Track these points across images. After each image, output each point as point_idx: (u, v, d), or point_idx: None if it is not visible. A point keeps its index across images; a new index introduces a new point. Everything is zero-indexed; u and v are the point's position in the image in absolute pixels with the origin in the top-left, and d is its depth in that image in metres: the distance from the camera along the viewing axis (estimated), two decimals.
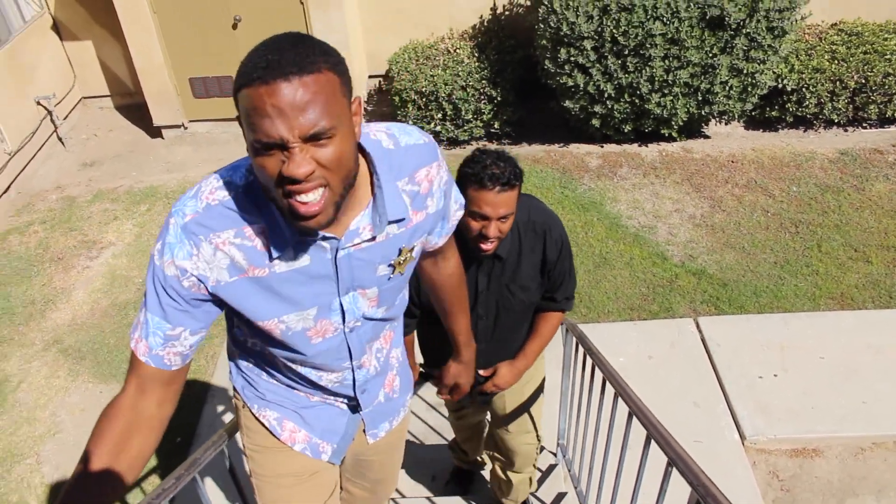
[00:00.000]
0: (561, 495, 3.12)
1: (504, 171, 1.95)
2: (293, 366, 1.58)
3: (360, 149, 1.33)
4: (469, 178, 1.98)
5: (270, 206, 1.27)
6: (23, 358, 4.52)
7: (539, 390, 2.68)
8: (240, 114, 1.16)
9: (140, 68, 6.50)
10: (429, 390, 3.84)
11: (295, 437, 1.73)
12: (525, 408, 2.65)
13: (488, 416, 2.89)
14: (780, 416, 3.72)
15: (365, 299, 1.49)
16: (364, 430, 1.83)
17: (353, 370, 1.63)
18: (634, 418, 2.03)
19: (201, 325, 1.40)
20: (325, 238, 1.33)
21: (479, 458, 3.31)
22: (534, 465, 2.89)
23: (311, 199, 1.16)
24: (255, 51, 1.16)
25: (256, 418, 1.73)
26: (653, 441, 1.81)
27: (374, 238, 1.38)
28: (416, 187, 1.42)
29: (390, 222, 1.38)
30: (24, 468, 3.89)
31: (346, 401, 1.73)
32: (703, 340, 4.17)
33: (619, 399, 2.24)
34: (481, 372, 2.46)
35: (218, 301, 1.38)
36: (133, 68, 6.68)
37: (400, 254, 1.45)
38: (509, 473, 2.85)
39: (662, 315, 4.37)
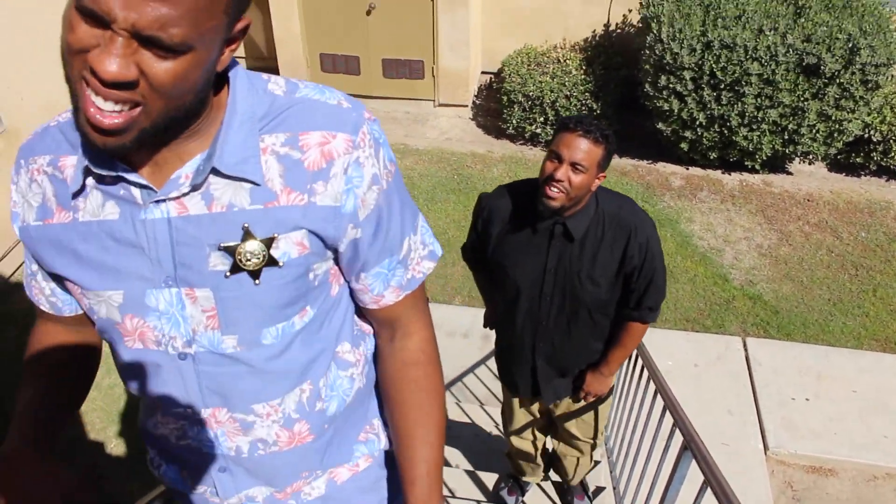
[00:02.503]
0: (599, 489, 3.54)
1: (591, 124, 2.01)
2: (129, 382, 1.16)
3: (225, 81, 0.99)
4: (560, 124, 2.07)
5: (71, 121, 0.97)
6: None
7: (606, 397, 2.69)
8: None
9: (278, 37, 7.26)
10: None
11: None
12: (587, 410, 2.72)
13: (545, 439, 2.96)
14: (805, 434, 4.16)
15: (195, 307, 1.03)
16: None
17: (187, 421, 1.13)
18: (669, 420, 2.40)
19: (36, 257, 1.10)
20: (130, 182, 0.97)
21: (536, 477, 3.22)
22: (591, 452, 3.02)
23: (111, 110, 0.83)
24: None
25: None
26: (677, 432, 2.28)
27: (195, 189, 0.97)
28: (297, 153, 0.98)
29: (220, 174, 0.97)
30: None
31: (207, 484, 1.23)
32: (746, 358, 4.62)
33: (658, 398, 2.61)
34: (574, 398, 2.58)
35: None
36: (271, 35, 7.45)
37: (245, 237, 0.99)
38: (564, 450, 3.00)
39: (714, 330, 4.84)
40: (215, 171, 0.96)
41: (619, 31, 7.00)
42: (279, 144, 0.98)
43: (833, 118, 5.69)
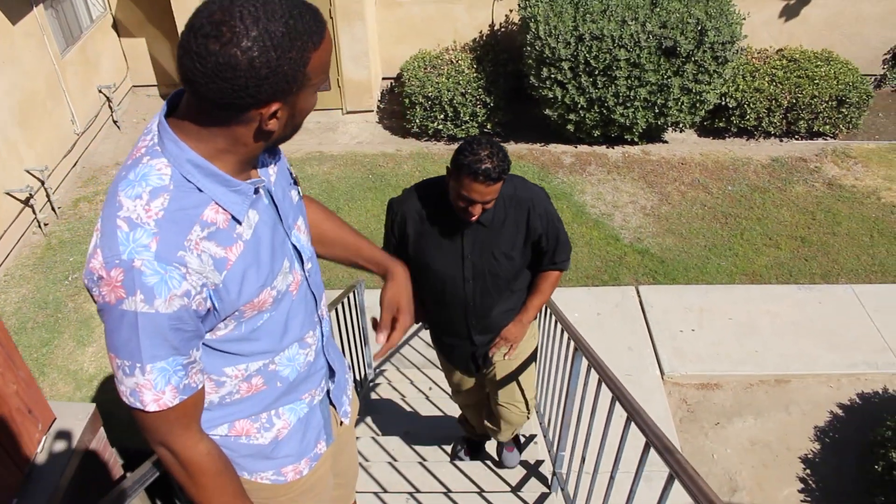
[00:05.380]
0: (531, 437, 4.00)
1: (496, 167, 2.15)
2: (278, 362, 1.45)
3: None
4: (464, 167, 2.17)
5: (211, 178, 1.18)
6: None
7: (529, 359, 2.85)
8: None
9: None
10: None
11: (299, 468, 1.61)
12: (514, 377, 2.84)
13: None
14: (692, 359, 4.94)
15: (302, 233, 1.45)
16: (337, 413, 1.75)
17: (320, 321, 1.56)
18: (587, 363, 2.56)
19: (202, 339, 1.29)
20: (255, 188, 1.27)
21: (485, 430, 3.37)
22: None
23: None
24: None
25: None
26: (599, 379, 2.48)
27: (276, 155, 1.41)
28: None
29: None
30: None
31: (318, 386, 1.61)
32: (640, 303, 5.39)
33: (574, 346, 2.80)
34: (492, 351, 2.73)
35: (210, 310, 1.24)
36: None
37: (291, 173, 1.49)
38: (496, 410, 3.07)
39: (611, 283, 5.58)
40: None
41: (502, 30, 7.72)
42: None
43: (693, 91, 6.55)
